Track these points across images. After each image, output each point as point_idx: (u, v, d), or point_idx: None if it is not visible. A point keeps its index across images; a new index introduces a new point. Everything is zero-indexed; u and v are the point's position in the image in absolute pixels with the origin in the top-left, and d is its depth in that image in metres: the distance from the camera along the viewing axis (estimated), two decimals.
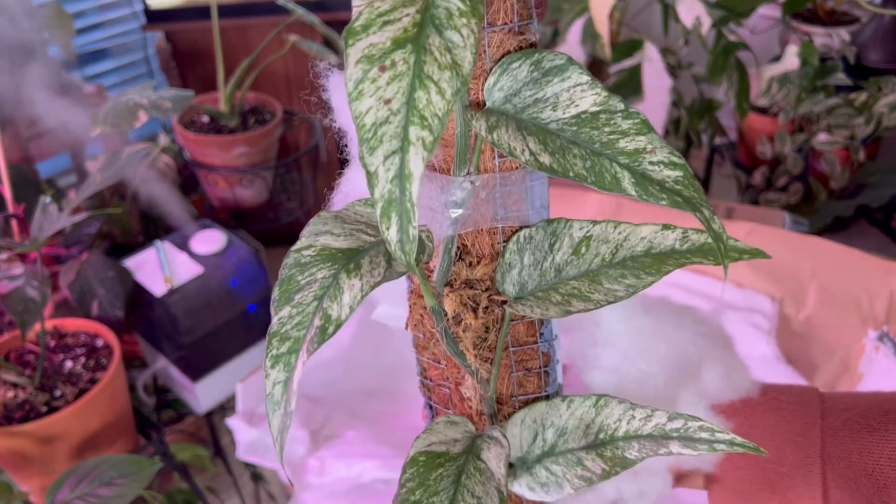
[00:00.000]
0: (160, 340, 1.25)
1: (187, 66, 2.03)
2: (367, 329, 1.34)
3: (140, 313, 1.20)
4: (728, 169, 1.85)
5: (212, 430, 1.42)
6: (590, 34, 1.58)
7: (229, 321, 1.25)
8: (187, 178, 1.72)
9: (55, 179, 1.78)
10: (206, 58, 1.95)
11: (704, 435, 0.31)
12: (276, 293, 0.29)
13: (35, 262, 0.89)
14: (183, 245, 1.28)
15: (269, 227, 1.60)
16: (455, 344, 0.35)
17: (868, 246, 1.14)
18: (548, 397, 0.37)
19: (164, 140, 1.74)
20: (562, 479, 0.34)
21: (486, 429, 0.37)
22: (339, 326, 0.27)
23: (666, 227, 0.31)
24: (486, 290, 0.34)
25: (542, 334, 0.36)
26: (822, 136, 1.55)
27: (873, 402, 0.42)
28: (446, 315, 0.35)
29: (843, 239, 1.16)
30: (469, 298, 0.34)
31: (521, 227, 0.34)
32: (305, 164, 1.77)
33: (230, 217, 1.59)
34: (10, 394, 0.92)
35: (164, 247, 1.27)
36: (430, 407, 0.42)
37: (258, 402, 1.21)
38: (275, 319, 0.29)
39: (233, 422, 1.16)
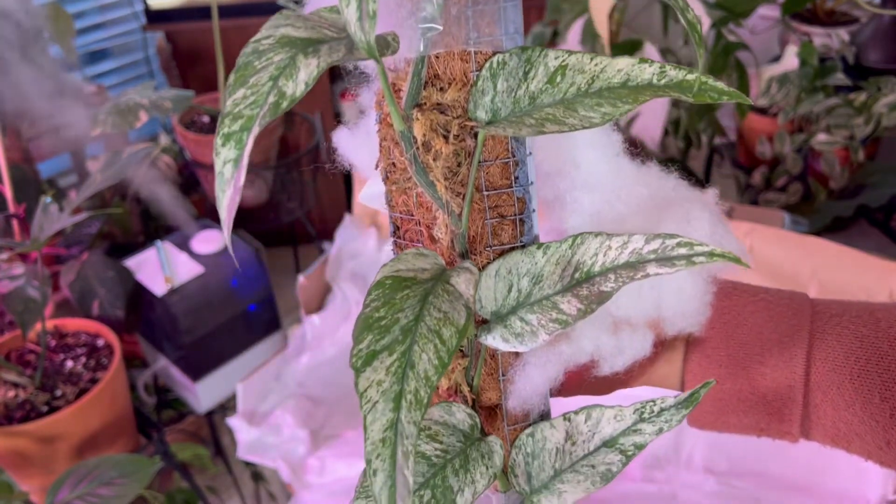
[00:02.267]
0: (161, 340, 1.25)
1: (187, 66, 2.03)
2: None
3: (140, 313, 1.20)
4: (727, 169, 1.85)
5: (212, 429, 1.42)
6: (590, 34, 1.58)
7: (229, 321, 1.25)
8: (188, 178, 1.72)
9: (56, 179, 1.78)
10: (207, 58, 1.95)
11: (682, 251, 0.30)
12: (231, 79, 0.29)
13: (36, 262, 0.89)
14: (183, 245, 1.28)
15: (269, 227, 1.60)
16: (425, 173, 0.34)
17: (868, 246, 1.14)
18: (523, 247, 0.35)
19: (164, 140, 1.74)
20: (536, 327, 0.33)
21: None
22: (293, 102, 0.27)
23: (643, 60, 0.30)
24: (458, 117, 0.34)
25: (517, 178, 0.35)
26: (821, 137, 1.55)
27: (863, 310, 0.41)
28: (416, 140, 0.34)
29: (842, 239, 1.16)
30: (440, 125, 0.34)
31: (494, 54, 0.33)
32: (305, 164, 1.77)
33: None
34: (11, 393, 0.92)
35: (165, 247, 1.27)
36: None
37: (258, 402, 1.21)
38: (228, 101, 0.28)
39: (233, 421, 1.16)
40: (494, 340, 0.34)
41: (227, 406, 1.33)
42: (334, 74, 2.15)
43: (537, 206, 0.37)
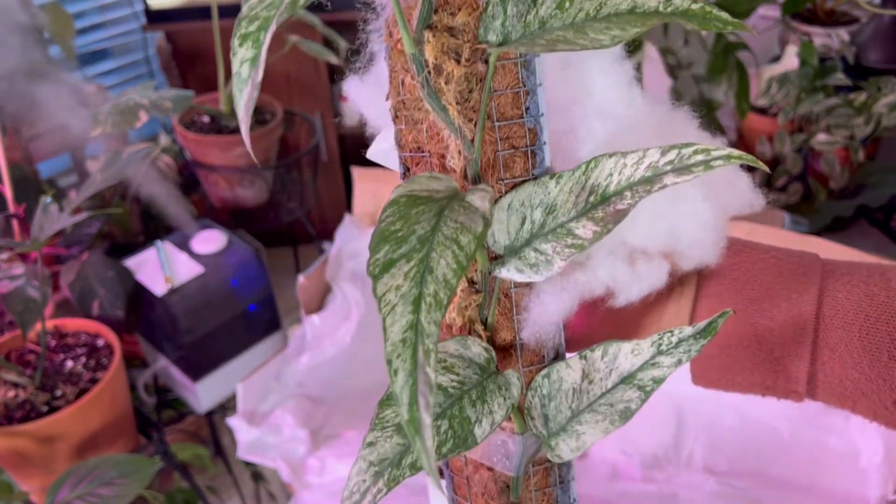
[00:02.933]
0: (161, 340, 1.25)
1: (187, 66, 2.03)
2: (368, 328, 1.34)
3: (140, 313, 1.20)
4: None
5: (212, 429, 1.42)
6: None
7: (229, 321, 1.25)
8: (188, 178, 1.73)
9: (56, 179, 1.78)
10: (207, 58, 1.95)
11: (699, 157, 0.30)
12: None
13: (36, 262, 0.89)
14: (183, 245, 1.28)
15: (269, 227, 1.60)
16: (437, 97, 0.34)
17: (868, 246, 1.14)
18: (535, 179, 0.35)
19: (164, 140, 1.74)
20: (551, 256, 0.33)
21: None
22: (308, 1, 0.27)
23: None
24: (468, 41, 0.34)
25: (528, 108, 0.35)
26: (821, 136, 1.55)
27: (875, 270, 0.41)
28: (427, 64, 0.34)
29: (842, 239, 1.16)
30: (451, 48, 0.34)
31: None
32: (305, 164, 1.77)
33: (230, 217, 1.59)
34: (11, 393, 0.92)
35: (165, 247, 1.27)
36: None
37: (258, 402, 1.21)
38: (244, 6, 0.29)
39: (233, 421, 1.16)
40: (509, 272, 0.34)
41: (227, 406, 1.33)
42: (334, 74, 2.15)
43: (549, 139, 0.37)
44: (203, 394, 1.27)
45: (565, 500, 0.41)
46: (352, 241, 1.42)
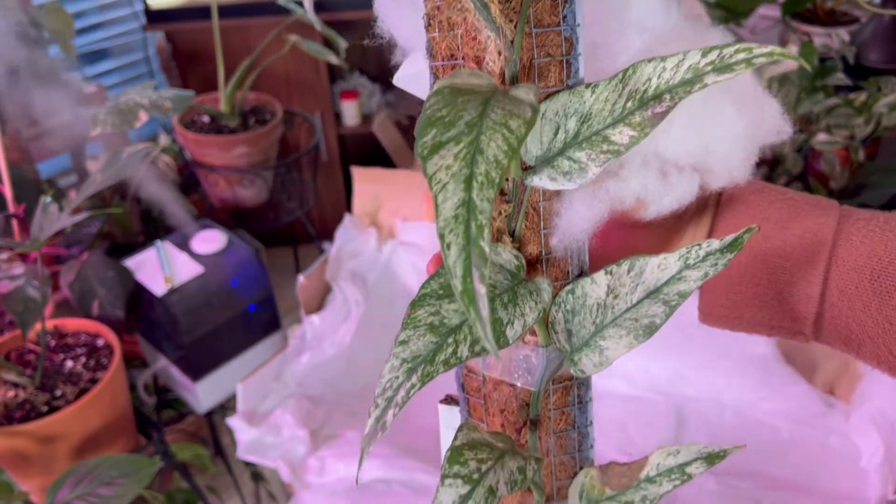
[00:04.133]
0: (160, 340, 1.25)
1: (187, 66, 2.03)
2: (368, 328, 1.34)
3: (140, 313, 1.20)
4: None
5: (212, 429, 1.42)
6: None
7: (229, 321, 1.25)
8: (187, 178, 1.73)
9: (56, 179, 1.78)
10: (207, 58, 1.95)
11: (741, 56, 0.30)
12: None
13: (35, 262, 0.89)
14: (183, 245, 1.28)
15: (269, 227, 1.60)
16: None
17: None
18: (570, 89, 0.35)
19: (164, 140, 1.74)
20: (586, 163, 0.33)
21: None
22: None
23: None
24: None
25: (565, 17, 0.35)
26: (821, 136, 1.55)
27: (892, 217, 0.41)
28: None
29: None
30: None
31: None
32: (305, 164, 1.77)
33: (230, 217, 1.59)
34: (11, 393, 0.92)
35: (165, 247, 1.27)
36: None
37: (258, 402, 1.21)
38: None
39: (233, 421, 1.16)
40: (541, 181, 0.34)
41: (227, 406, 1.33)
42: (334, 74, 2.15)
43: (584, 50, 0.36)
44: (203, 394, 1.27)
45: (583, 420, 0.41)
46: (352, 241, 1.42)
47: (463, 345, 0.33)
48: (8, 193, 0.96)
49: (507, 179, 0.37)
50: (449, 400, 0.44)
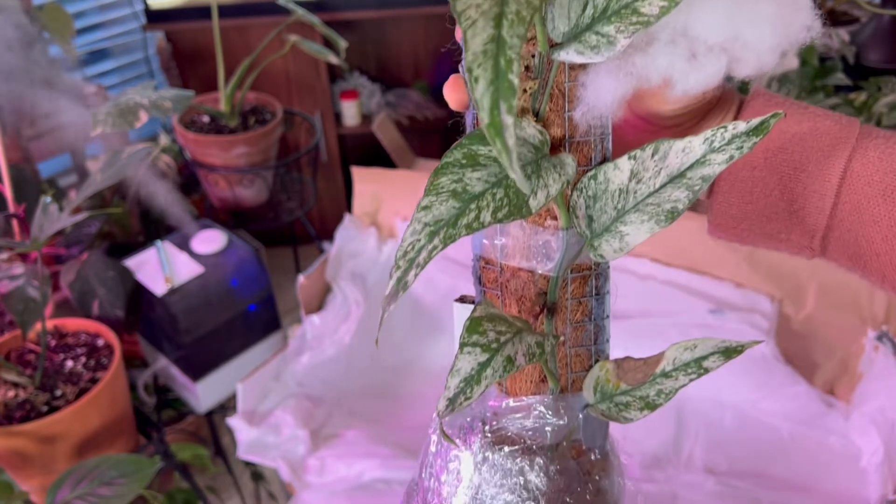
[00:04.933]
0: (161, 340, 1.25)
1: (188, 66, 2.03)
2: (368, 328, 1.34)
3: (140, 313, 1.20)
4: None
5: (212, 429, 1.42)
6: None
7: (229, 321, 1.25)
8: (187, 178, 1.72)
9: (56, 179, 1.78)
10: (207, 58, 1.95)
11: None
12: None
13: (35, 262, 0.89)
14: (183, 245, 1.28)
15: (269, 227, 1.60)
16: None
17: None
18: None
19: (164, 140, 1.74)
20: (614, 36, 0.33)
21: None
22: None
23: None
24: None
25: None
26: None
27: None
28: None
29: None
30: None
31: None
32: (305, 164, 1.77)
33: (230, 217, 1.59)
34: (11, 393, 0.92)
35: (165, 246, 1.27)
36: None
37: (258, 402, 1.21)
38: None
39: (233, 421, 1.16)
40: (568, 55, 0.34)
41: (227, 406, 1.33)
42: (334, 74, 2.15)
43: None
44: (203, 394, 1.27)
45: (600, 312, 0.41)
46: (352, 241, 1.42)
47: (486, 211, 0.33)
48: (8, 193, 0.96)
49: (532, 56, 0.36)
50: (464, 299, 0.44)
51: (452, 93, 0.40)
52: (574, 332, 0.41)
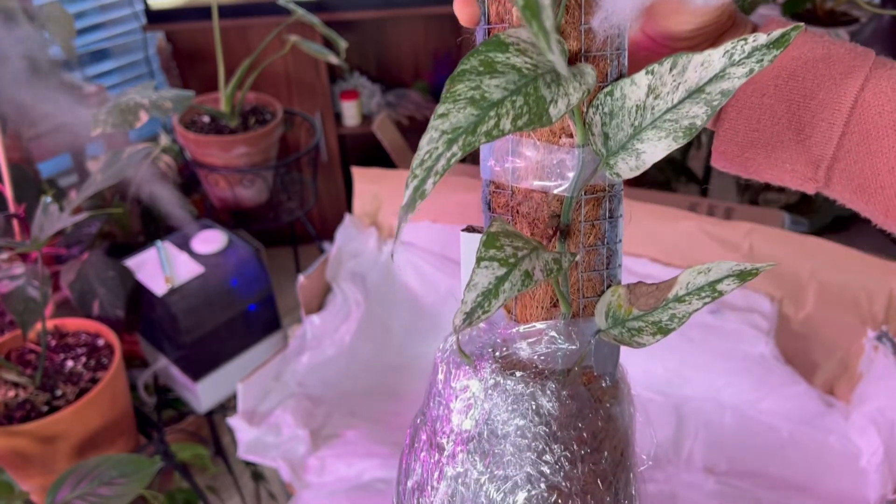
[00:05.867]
0: (161, 340, 1.25)
1: (188, 66, 2.03)
2: (368, 328, 1.34)
3: (141, 313, 1.20)
4: None
5: (212, 429, 1.42)
6: None
7: (230, 321, 1.26)
8: (188, 178, 1.73)
9: (56, 179, 1.78)
10: (207, 58, 1.95)
11: None
12: None
13: (36, 262, 0.89)
14: (183, 245, 1.28)
15: (269, 227, 1.60)
16: None
17: (868, 246, 1.14)
18: None
19: (164, 140, 1.74)
20: None
21: None
22: None
23: None
24: None
25: None
26: None
27: None
28: None
29: (842, 239, 1.16)
30: None
31: None
32: (305, 164, 1.77)
33: (230, 217, 1.59)
34: (11, 393, 0.92)
35: (165, 246, 1.27)
36: None
37: (258, 402, 1.21)
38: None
39: (233, 421, 1.16)
40: None
41: (227, 406, 1.33)
42: (334, 74, 2.15)
43: None
44: (203, 394, 1.27)
45: (612, 236, 0.41)
46: (352, 241, 1.42)
47: (505, 118, 0.33)
48: (8, 193, 0.96)
49: None
50: (471, 229, 0.43)
51: (464, 7, 0.39)
52: (586, 255, 0.41)
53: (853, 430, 1.11)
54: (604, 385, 0.43)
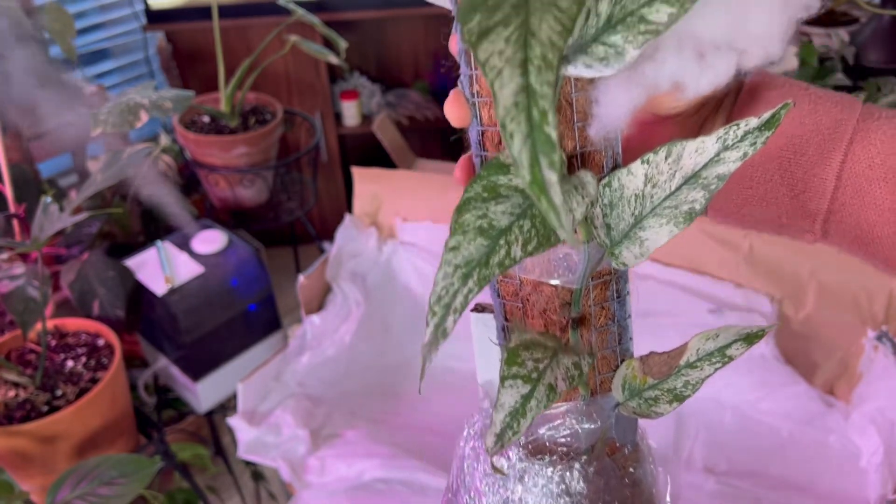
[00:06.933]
0: (161, 340, 1.25)
1: (188, 66, 2.03)
2: (368, 328, 1.34)
3: (141, 313, 1.20)
4: None
5: (212, 429, 1.42)
6: None
7: (230, 321, 1.26)
8: (188, 178, 1.73)
9: (56, 179, 1.78)
10: (207, 58, 1.95)
11: None
12: None
13: (36, 262, 0.89)
14: (184, 245, 1.28)
15: (269, 227, 1.60)
16: None
17: None
18: None
19: (164, 140, 1.74)
20: (622, 46, 0.32)
21: None
22: None
23: None
24: None
25: None
26: None
27: None
28: None
29: None
30: None
31: None
32: (305, 164, 1.77)
33: (230, 217, 1.59)
34: (12, 393, 0.92)
35: (165, 246, 1.27)
36: None
37: (259, 402, 1.21)
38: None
39: (233, 421, 1.16)
40: (577, 69, 0.33)
41: (228, 406, 1.33)
42: (334, 74, 2.15)
43: None
44: (203, 394, 1.27)
45: (622, 313, 0.42)
46: (352, 241, 1.42)
47: (515, 245, 0.33)
48: (8, 193, 0.96)
49: None
50: (480, 308, 0.44)
51: (453, 109, 0.39)
52: (599, 336, 0.41)
53: (853, 429, 1.11)
54: (626, 452, 0.44)
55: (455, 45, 0.39)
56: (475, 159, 0.39)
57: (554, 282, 0.39)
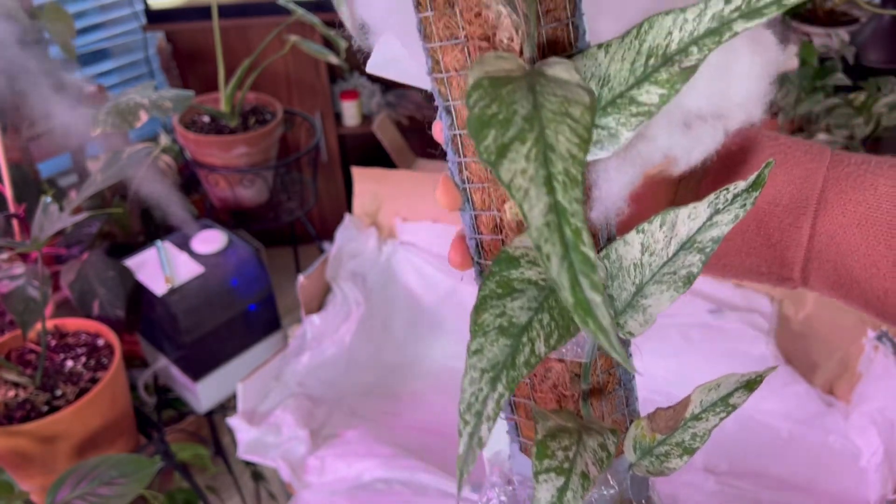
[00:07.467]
0: (161, 340, 1.25)
1: (188, 66, 2.03)
2: (368, 328, 1.34)
3: (141, 313, 1.20)
4: None
5: (212, 429, 1.42)
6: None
7: (230, 321, 1.26)
8: (188, 178, 1.73)
9: (56, 179, 1.78)
10: (207, 58, 1.95)
11: None
12: None
13: (36, 262, 0.89)
14: (184, 245, 1.28)
15: (269, 227, 1.60)
16: None
17: None
18: (581, 52, 0.33)
19: (164, 140, 1.74)
20: (615, 128, 0.32)
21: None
22: None
23: None
24: None
25: None
26: (821, 136, 1.55)
27: (883, 162, 0.41)
28: None
29: None
30: None
31: None
32: (305, 164, 1.77)
33: (230, 217, 1.59)
34: (11, 393, 0.92)
35: (165, 246, 1.27)
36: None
37: (258, 402, 1.21)
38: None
39: (233, 421, 1.16)
40: None
41: (228, 406, 1.33)
42: (334, 74, 2.15)
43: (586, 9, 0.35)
44: (203, 394, 1.27)
45: (627, 377, 0.42)
46: (352, 241, 1.42)
47: (538, 341, 0.32)
48: (8, 193, 0.96)
49: None
50: None
51: (444, 196, 0.38)
52: (608, 402, 0.42)
53: (853, 429, 1.11)
54: None
55: (439, 132, 0.39)
56: (469, 241, 0.39)
57: (562, 356, 0.39)
